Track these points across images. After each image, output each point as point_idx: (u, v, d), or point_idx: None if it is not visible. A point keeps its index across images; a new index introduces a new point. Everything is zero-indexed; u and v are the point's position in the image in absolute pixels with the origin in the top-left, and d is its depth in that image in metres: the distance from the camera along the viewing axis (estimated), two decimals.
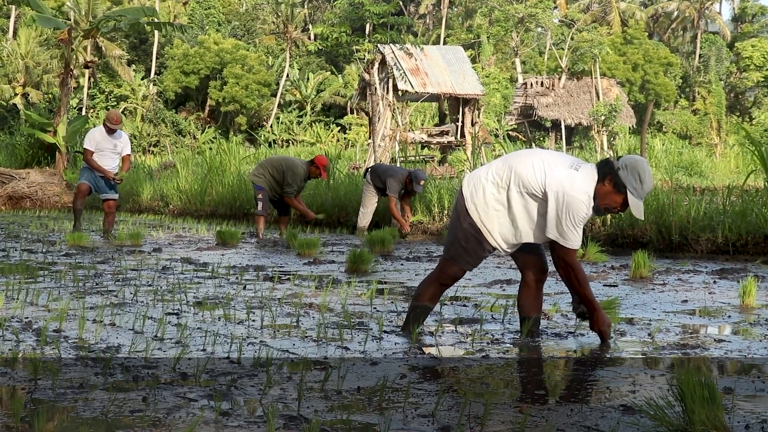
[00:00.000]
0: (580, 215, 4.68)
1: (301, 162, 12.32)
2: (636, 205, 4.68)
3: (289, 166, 12.13)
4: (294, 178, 12.03)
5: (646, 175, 4.65)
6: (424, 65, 33.43)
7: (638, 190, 4.65)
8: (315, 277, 7.71)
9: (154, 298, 6.40)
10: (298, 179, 12.07)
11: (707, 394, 3.08)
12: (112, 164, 12.21)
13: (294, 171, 12.05)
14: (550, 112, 42.47)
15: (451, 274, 5.02)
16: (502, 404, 3.59)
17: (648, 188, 4.68)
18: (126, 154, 12.27)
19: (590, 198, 4.70)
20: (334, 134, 53.36)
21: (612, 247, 10.36)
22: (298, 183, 12.10)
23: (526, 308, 5.03)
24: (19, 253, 9.75)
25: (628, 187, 4.65)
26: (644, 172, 4.66)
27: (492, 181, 4.81)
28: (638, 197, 4.67)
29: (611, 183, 4.66)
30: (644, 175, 4.65)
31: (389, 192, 12.26)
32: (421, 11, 65.19)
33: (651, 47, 58.01)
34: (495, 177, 4.81)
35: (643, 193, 4.68)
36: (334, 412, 3.42)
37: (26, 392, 3.67)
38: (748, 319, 5.68)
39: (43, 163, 21.85)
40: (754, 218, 9.76)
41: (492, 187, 4.80)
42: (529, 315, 5.02)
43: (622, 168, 4.66)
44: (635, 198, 4.66)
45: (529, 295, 5.03)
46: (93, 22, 24.09)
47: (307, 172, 12.14)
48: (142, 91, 52.59)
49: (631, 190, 4.65)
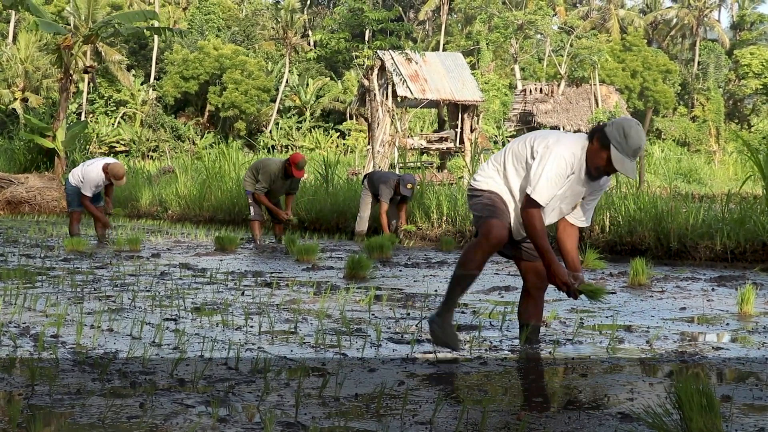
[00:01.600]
0: (557, 169, 4.61)
1: (277, 161, 12.24)
2: (619, 159, 4.57)
3: (262, 166, 12.15)
4: (264, 176, 12.00)
5: (631, 130, 4.56)
6: (424, 71, 33.46)
7: (622, 145, 4.56)
8: (313, 283, 7.70)
9: (152, 303, 6.39)
10: (267, 177, 11.98)
11: (705, 402, 3.08)
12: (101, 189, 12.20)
13: (265, 169, 12.03)
14: (549, 119, 42.52)
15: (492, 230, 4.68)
16: (500, 411, 3.59)
17: (634, 144, 4.55)
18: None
19: (574, 156, 4.64)
20: (333, 140, 53.37)
21: (610, 254, 10.36)
22: (267, 181, 12.01)
23: (526, 315, 5.03)
24: (18, 258, 9.74)
25: (612, 142, 4.57)
26: (630, 128, 4.57)
27: (492, 167, 4.90)
28: (623, 152, 4.57)
29: (598, 140, 4.62)
30: (629, 129, 4.57)
31: (381, 197, 12.47)
32: (420, 17, 65.26)
33: (650, 54, 58.09)
34: (494, 163, 4.91)
35: (629, 149, 4.56)
36: (331, 419, 3.41)
37: (23, 398, 3.67)
38: (746, 326, 5.68)
39: (42, 168, 21.85)
40: (752, 226, 9.76)
41: (492, 171, 4.88)
42: (528, 322, 5.01)
43: (609, 125, 4.63)
44: (619, 152, 4.57)
45: (529, 303, 5.02)
46: (93, 27, 24.10)
47: (282, 170, 12.00)
48: (142, 96, 52.60)
49: (615, 145, 4.56)
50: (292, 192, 12.37)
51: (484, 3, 52.43)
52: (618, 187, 11.61)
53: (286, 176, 11.98)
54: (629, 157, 4.58)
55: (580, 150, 4.67)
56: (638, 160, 4.79)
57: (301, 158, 11.95)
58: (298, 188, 12.59)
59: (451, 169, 33.97)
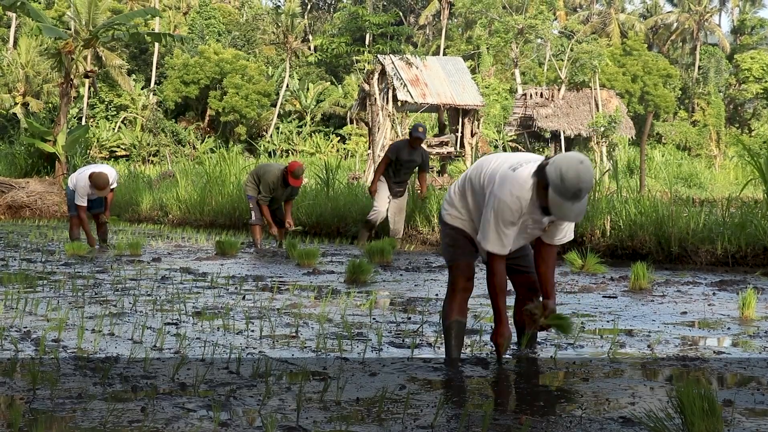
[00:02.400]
0: (503, 216, 4.41)
1: (277, 169, 12.12)
2: (556, 203, 4.28)
3: (263, 173, 12.06)
4: (264, 185, 11.92)
5: (569, 171, 4.20)
6: (424, 76, 33.48)
7: (559, 187, 4.22)
8: (314, 287, 7.70)
9: (153, 307, 6.39)
10: (267, 187, 11.92)
11: (707, 406, 3.08)
12: (98, 197, 12.13)
13: (265, 178, 11.95)
14: (549, 123, 42.51)
15: (459, 276, 4.78)
16: (501, 415, 3.58)
17: (572, 186, 4.20)
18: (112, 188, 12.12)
19: (519, 200, 4.38)
20: (334, 144, 53.38)
21: (611, 258, 10.36)
22: (267, 190, 11.95)
23: (522, 323, 5.03)
24: (19, 262, 9.74)
25: (549, 183, 4.27)
26: (568, 168, 4.22)
27: (456, 195, 4.82)
28: (560, 195, 4.24)
29: (540, 179, 4.34)
30: (567, 170, 4.21)
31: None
32: (420, 22, 65.29)
33: (650, 59, 58.11)
34: (458, 191, 4.82)
35: (567, 192, 4.22)
36: (333, 423, 3.41)
37: (25, 402, 3.67)
38: (747, 331, 5.68)
39: (43, 172, 21.85)
40: (753, 230, 9.76)
41: (457, 200, 4.80)
42: (526, 330, 5.00)
43: (549, 163, 4.31)
44: (556, 195, 4.25)
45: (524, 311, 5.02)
46: (93, 32, 24.11)
47: (281, 178, 11.91)
48: (142, 101, 52.61)
49: (552, 187, 4.26)
50: (292, 198, 12.33)
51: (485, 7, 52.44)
52: (619, 191, 11.61)
53: (286, 184, 11.93)
54: (568, 200, 4.25)
55: (527, 191, 4.39)
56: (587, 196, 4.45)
57: (297, 167, 11.85)
58: (297, 194, 12.56)
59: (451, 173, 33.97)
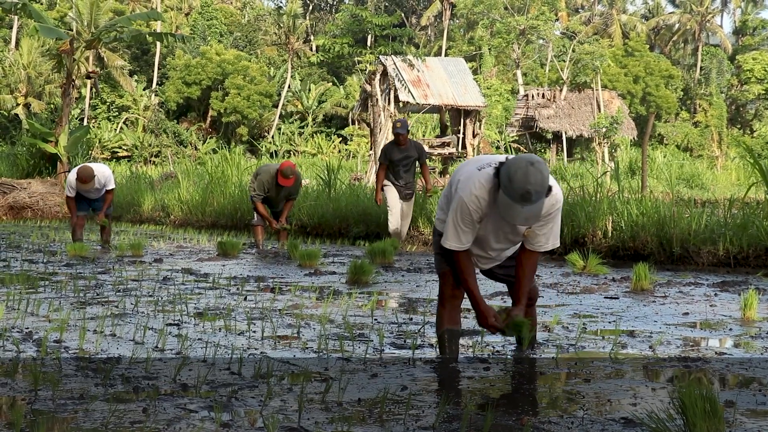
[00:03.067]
0: (462, 215, 4.41)
1: (273, 169, 12.11)
2: (504, 204, 4.23)
3: (260, 172, 12.11)
4: (258, 184, 11.97)
5: (518, 172, 4.13)
6: (426, 77, 33.46)
7: (508, 189, 4.17)
8: (316, 288, 7.70)
9: (155, 308, 6.39)
10: (261, 185, 11.95)
11: (709, 407, 3.08)
12: (97, 195, 12.13)
13: (260, 177, 12.01)
14: (551, 124, 42.49)
15: (446, 284, 4.81)
16: (503, 416, 3.58)
17: (519, 188, 4.13)
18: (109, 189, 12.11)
19: (479, 200, 4.36)
20: (336, 145, 53.40)
21: (613, 259, 10.35)
22: (261, 189, 11.96)
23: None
24: (20, 263, 9.75)
25: (500, 183, 4.24)
26: (517, 169, 4.15)
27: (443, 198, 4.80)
28: (509, 197, 4.18)
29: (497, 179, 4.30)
30: (515, 171, 4.14)
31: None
32: (422, 23, 65.30)
33: (652, 59, 58.09)
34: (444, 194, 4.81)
35: (514, 194, 4.15)
36: (334, 424, 3.41)
37: (26, 403, 3.67)
38: (749, 332, 5.67)
39: (45, 173, 21.87)
40: (755, 231, 9.75)
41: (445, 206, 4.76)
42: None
43: (505, 163, 4.27)
44: (505, 197, 4.21)
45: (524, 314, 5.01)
46: (95, 33, 24.13)
47: (274, 177, 11.91)
48: (144, 102, 52.64)
49: (502, 188, 4.22)
50: (292, 198, 12.30)
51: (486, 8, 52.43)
52: (620, 192, 11.61)
53: (278, 184, 11.92)
54: (517, 202, 4.18)
55: (487, 191, 4.36)
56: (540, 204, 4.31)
57: (285, 166, 11.81)
58: (297, 194, 12.49)
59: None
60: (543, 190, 4.19)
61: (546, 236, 4.58)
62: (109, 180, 12.09)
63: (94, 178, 11.75)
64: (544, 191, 4.20)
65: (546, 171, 4.20)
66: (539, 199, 4.20)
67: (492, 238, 4.63)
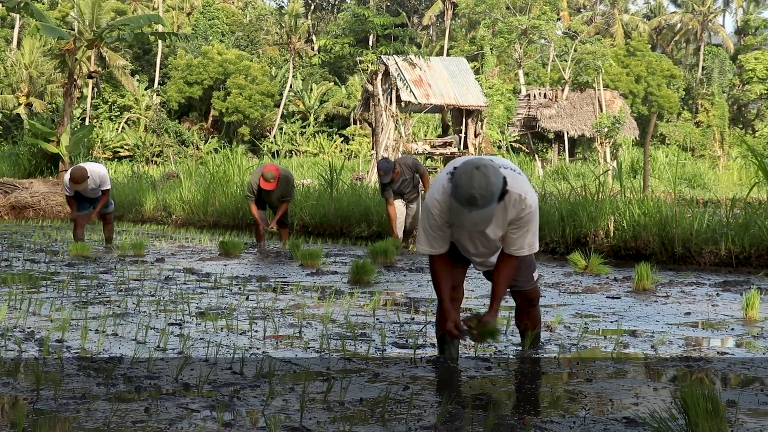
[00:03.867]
0: (428, 220, 4.40)
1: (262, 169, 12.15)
2: (454, 209, 4.20)
3: (253, 173, 12.17)
4: (249, 185, 12.05)
5: (462, 177, 4.06)
6: (428, 76, 33.46)
7: (454, 192, 4.13)
8: (318, 287, 7.70)
9: (157, 308, 6.40)
10: (250, 186, 11.98)
11: (711, 407, 3.08)
12: (95, 195, 12.08)
13: (251, 178, 12.08)
14: (553, 124, 42.45)
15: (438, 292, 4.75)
16: (504, 416, 3.58)
17: (464, 192, 4.05)
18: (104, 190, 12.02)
19: (439, 204, 4.31)
20: (337, 145, 53.38)
21: (615, 258, 10.35)
22: (251, 190, 11.98)
23: (523, 327, 5.04)
24: (22, 262, 9.75)
25: (451, 189, 4.18)
26: (463, 173, 4.08)
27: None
28: (455, 199, 4.13)
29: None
30: (460, 176, 4.07)
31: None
32: (424, 22, 65.30)
33: (654, 59, 58.05)
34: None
35: (459, 196, 4.08)
36: (336, 424, 3.41)
37: (28, 402, 3.67)
38: (751, 331, 5.67)
39: (46, 172, 21.89)
40: (757, 231, 9.74)
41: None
42: (526, 332, 5.00)
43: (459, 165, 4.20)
44: (452, 199, 4.18)
45: (523, 316, 5.02)
46: (97, 32, 24.14)
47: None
48: (146, 102, 52.64)
49: (452, 193, 4.17)
50: (285, 200, 12.15)
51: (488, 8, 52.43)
52: (623, 192, 11.61)
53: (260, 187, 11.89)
54: (463, 206, 4.10)
55: (449, 197, 4.27)
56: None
57: (267, 170, 11.74)
58: (290, 195, 12.22)
59: None
60: (489, 194, 4.07)
61: (521, 241, 4.45)
62: (104, 180, 11.97)
63: (87, 179, 11.65)
64: (492, 196, 4.08)
65: (494, 175, 4.09)
66: (487, 204, 4.09)
67: (469, 244, 4.57)
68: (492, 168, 4.11)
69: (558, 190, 12.38)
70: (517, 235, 4.44)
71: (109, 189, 12.14)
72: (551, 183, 14.54)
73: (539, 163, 39.18)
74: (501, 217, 4.36)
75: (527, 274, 4.83)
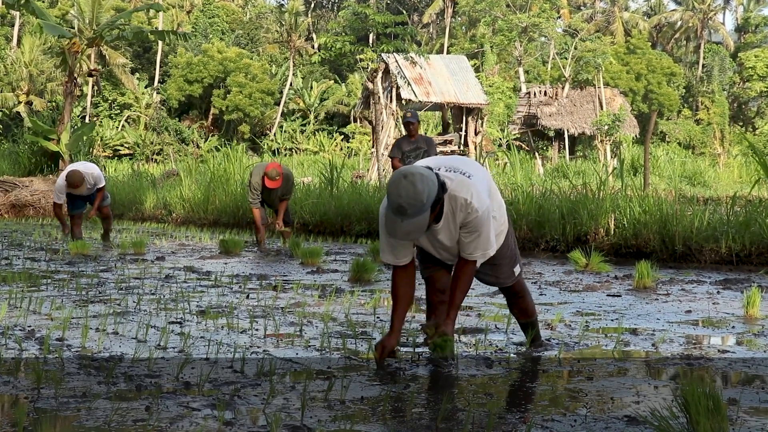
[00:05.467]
0: (383, 227, 4.28)
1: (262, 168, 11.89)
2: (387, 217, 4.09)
3: (252, 173, 11.98)
4: (251, 187, 11.83)
5: (391, 186, 4.00)
6: (428, 74, 33.47)
7: (386, 201, 4.08)
8: (318, 286, 7.70)
9: (157, 306, 6.39)
10: (252, 186, 11.79)
11: (712, 405, 3.07)
12: (89, 193, 12.06)
13: (252, 179, 11.83)
14: (553, 122, 42.45)
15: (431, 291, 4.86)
16: (505, 414, 3.58)
17: (392, 201, 4.00)
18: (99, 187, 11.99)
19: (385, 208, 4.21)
20: (338, 143, 53.38)
21: (615, 257, 10.35)
22: (253, 191, 11.80)
23: (518, 317, 5.04)
24: (22, 261, 9.75)
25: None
26: (392, 182, 4.01)
27: None
28: (388, 208, 4.08)
29: None
30: (390, 185, 4.00)
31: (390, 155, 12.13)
32: (424, 20, 65.29)
33: (654, 57, 58.05)
34: None
35: (389, 205, 4.03)
36: (337, 422, 3.41)
37: (29, 401, 3.67)
38: (752, 329, 5.67)
39: (47, 171, 21.88)
40: (758, 228, 9.74)
41: None
42: (521, 321, 5.03)
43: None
44: (386, 208, 4.11)
45: (514, 307, 5.01)
46: (97, 31, 24.12)
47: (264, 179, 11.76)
48: (146, 100, 52.65)
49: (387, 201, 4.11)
50: (285, 198, 12.12)
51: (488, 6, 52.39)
52: (623, 189, 11.60)
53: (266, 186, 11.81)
54: (394, 214, 4.03)
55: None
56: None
57: (270, 168, 11.63)
58: (290, 193, 12.22)
59: None
60: (417, 203, 3.99)
61: (473, 245, 4.38)
62: (99, 178, 11.95)
63: (84, 181, 11.66)
64: (420, 204, 3.99)
65: (421, 183, 3.99)
66: (417, 213, 4.01)
67: (431, 249, 4.54)
68: (420, 176, 4.01)
69: (559, 188, 12.37)
70: (469, 240, 4.37)
71: (104, 186, 12.15)
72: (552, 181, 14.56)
73: (539, 161, 39.17)
74: (451, 222, 4.32)
75: (507, 270, 4.80)
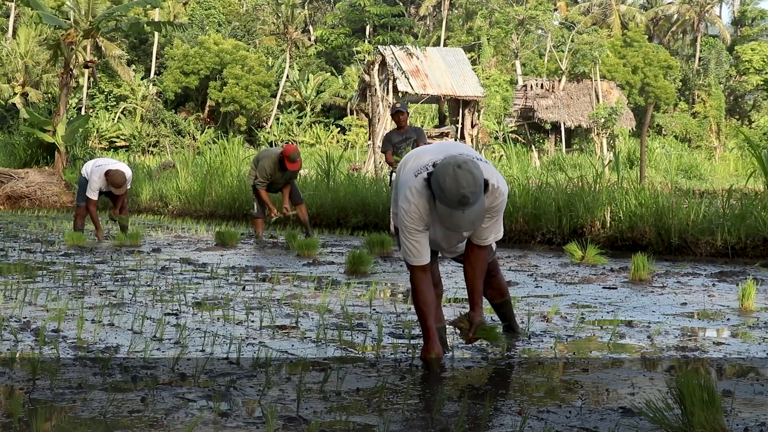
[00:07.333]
0: (405, 224, 4.17)
1: (274, 155, 11.93)
2: (446, 215, 3.96)
3: (261, 158, 12.01)
4: (261, 171, 11.80)
5: (446, 180, 3.89)
6: (425, 67, 33.44)
7: (443, 198, 3.92)
8: (314, 278, 7.70)
9: (153, 298, 6.39)
10: (264, 172, 11.80)
11: (707, 396, 3.08)
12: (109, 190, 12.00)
13: (262, 162, 11.84)
14: (549, 115, 42.46)
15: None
16: (501, 406, 3.59)
17: (453, 195, 3.88)
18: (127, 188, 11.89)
19: (417, 207, 4.12)
20: (334, 135, 53.36)
21: (611, 249, 10.35)
22: (264, 176, 11.87)
23: (489, 297, 5.06)
24: (18, 252, 9.74)
25: (435, 195, 4.00)
26: (445, 177, 3.90)
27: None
28: (446, 205, 3.93)
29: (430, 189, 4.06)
30: (444, 179, 3.89)
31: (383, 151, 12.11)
32: (421, 13, 65.21)
33: (651, 50, 58.04)
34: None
35: (451, 201, 3.90)
36: (333, 413, 3.41)
37: (24, 392, 3.67)
38: (747, 322, 5.68)
39: (42, 162, 21.84)
40: (753, 221, 9.75)
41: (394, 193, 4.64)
42: (494, 301, 5.11)
43: (435, 170, 4.01)
44: (442, 205, 3.95)
45: (488, 286, 4.97)
46: (93, 22, 24.07)
47: (278, 163, 11.78)
48: (142, 92, 52.56)
49: (437, 198, 3.98)
50: (290, 182, 12.19)
51: None
52: (619, 182, 11.60)
53: (283, 168, 11.85)
54: (456, 209, 3.92)
55: (425, 200, 4.12)
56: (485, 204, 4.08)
57: (292, 150, 11.73)
58: (296, 177, 12.39)
59: None
60: (478, 189, 3.94)
61: (491, 230, 4.37)
62: (129, 181, 11.99)
63: (126, 182, 11.68)
64: (480, 189, 3.95)
65: (476, 168, 3.95)
66: (477, 200, 3.95)
67: (443, 241, 4.49)
68: (471, 162, 3.98)
69: (555, 181, 12.37)
70: (488, 225, 4.32)
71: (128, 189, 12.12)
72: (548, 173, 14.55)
73: (536, 154, 39.17)
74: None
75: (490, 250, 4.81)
